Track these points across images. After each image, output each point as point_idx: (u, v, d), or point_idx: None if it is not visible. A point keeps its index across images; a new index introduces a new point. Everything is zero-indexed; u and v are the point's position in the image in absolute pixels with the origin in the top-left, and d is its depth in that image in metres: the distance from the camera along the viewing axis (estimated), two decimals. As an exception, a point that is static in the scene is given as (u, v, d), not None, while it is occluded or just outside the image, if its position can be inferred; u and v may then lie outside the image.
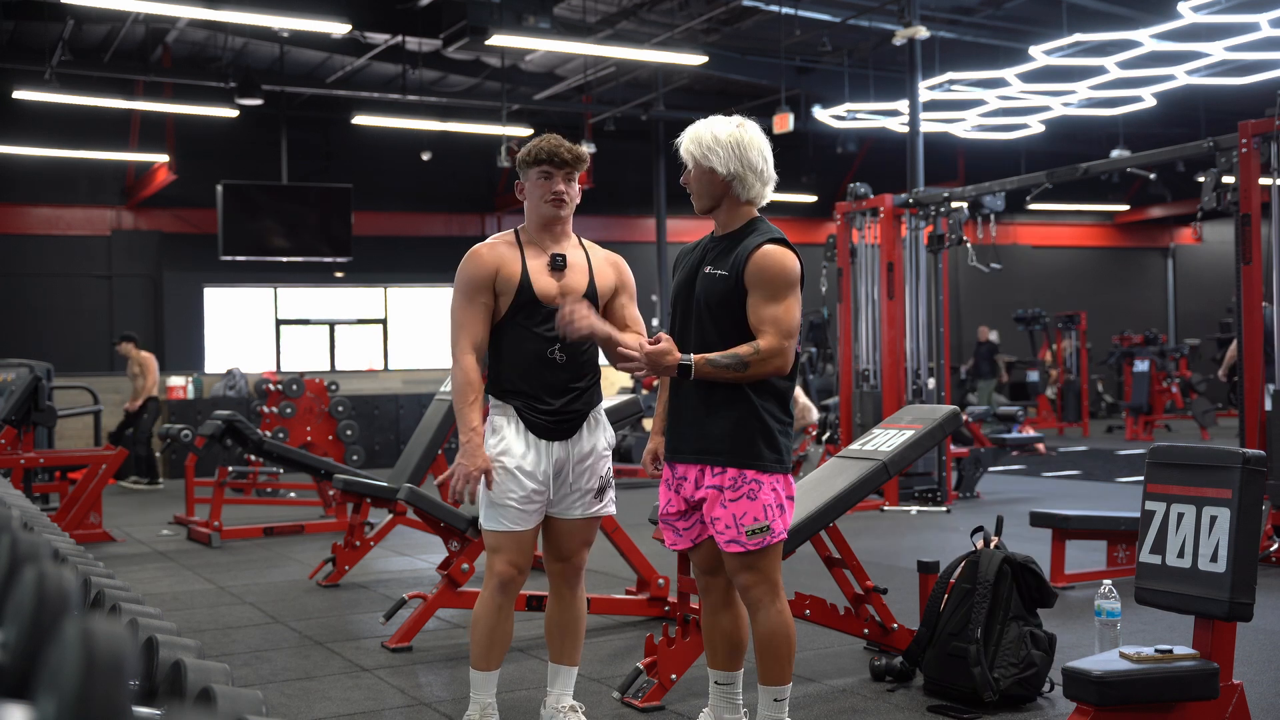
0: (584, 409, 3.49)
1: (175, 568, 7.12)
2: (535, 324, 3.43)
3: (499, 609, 3.45)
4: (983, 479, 9.83)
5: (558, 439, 3.44)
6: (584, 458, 3.47)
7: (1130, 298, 23.08)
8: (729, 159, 3.17)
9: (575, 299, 3.34)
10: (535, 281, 3.45)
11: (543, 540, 3.57)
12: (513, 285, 3.44)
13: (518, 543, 3.44)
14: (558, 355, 3.43)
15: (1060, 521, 5.97)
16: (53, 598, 1.20)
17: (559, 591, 3.58)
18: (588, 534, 3.56)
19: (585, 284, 3.50)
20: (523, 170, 3.54)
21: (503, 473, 3.41)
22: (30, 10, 12.34)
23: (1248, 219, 6.56)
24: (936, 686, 3.96)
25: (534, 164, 3.48)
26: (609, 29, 13.29)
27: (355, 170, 16.98)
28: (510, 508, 3.41)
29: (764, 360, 3.09)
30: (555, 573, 3.57)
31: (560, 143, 3.50)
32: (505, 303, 3.46)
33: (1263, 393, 6.55)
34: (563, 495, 3.47)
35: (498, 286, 3.45)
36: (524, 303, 3.43)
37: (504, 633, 3.47)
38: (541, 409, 3.42)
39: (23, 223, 16.20)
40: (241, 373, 14.06)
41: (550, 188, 3.48)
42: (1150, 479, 3.35)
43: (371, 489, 6.43)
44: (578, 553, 3.55)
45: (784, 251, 3.15)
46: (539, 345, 3.43)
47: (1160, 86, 14.26)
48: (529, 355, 3.44)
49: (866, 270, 9.57)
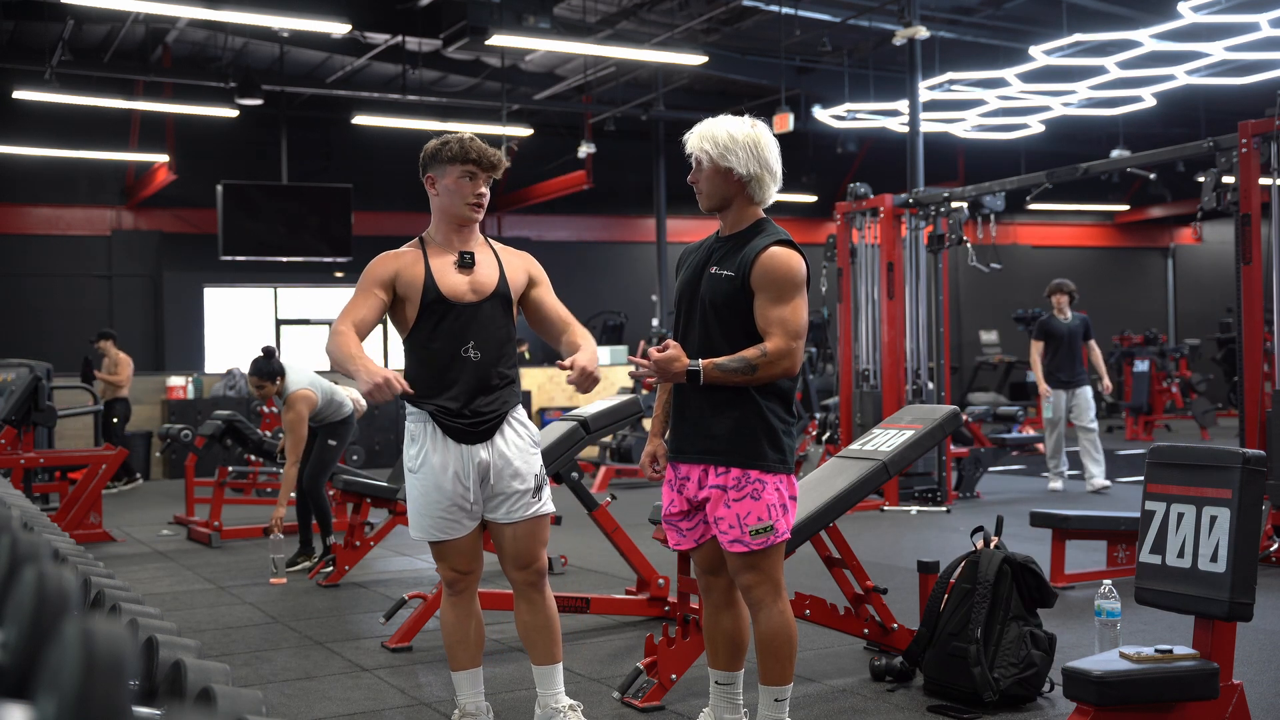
0: (501, 409, 3.40)
1: (175, 568, 7.12)
2: (446, 324, 3.36)
3: (456, 609, 3.45)
4: (983, 479, 9.83)
5: (477, 441, 3.36)
6: (510, 458, 3.39)
7: (1130, 298, 23.08)
8: (749, 160, 3.15)
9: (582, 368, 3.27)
10: (441, 280, 3.37)
11: (497, 552, 3.49)
12: (416, 288, 3.35)
13: (455, 549, 3.42)
14: (472, 354, 3.37)
15: (1060, 521, 5.97)
16: (53, 598, 1.20)
17: (527, 597, 3.47)
18: (540, 534, 3.45)
19: (495, 280, 3.43)
20: (438, 166, 3.41)
21: (426, 483, 3.36)
22: (30, 10, 12.34)
23: (1248, 219, 6.56)
24: (936, 686, 3.96)
25: (459, 162, 3.37)
26: (609, 29, 13.30)
27: (355, 170, 16.98)
28: (438, 518, 3.37)
29: (772, 363, 3.08)
30: (518, 581, 3.47)
31: (485, 145, 3.43)
32: (412, 309, 3.37)
33: (1263, 392, 6.55)
34: (496, 499, 3.39)
35: (399, 290, 3.37)
36: (431, 303, 3.36)
37: (470, 631, 3.46)
38: (456, 412, 3.34)
39: (23, 223, 16.20)
40: (242, 372, 14.05)
41: (474, 189, 3.40)
42: (1150, 479, 3.35)
43: (371, 489, 6.43)
44: (536, 557, 3.44)
45: (791, 253, 3.14)
46: (450, 344, 3.36)
47: (1160, 86, 14.25)
48: (441, 356, 3.36)
49: (866, 270, 9.57)
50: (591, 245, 18.71)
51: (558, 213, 17.77)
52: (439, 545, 3.43)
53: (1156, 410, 16.12)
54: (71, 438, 12.30)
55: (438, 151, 3.41)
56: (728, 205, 3.23)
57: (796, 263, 3.13)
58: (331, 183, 16.31)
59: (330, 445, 6.72)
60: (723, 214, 3.27)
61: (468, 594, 3.47)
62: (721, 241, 3.27)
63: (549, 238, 18.39)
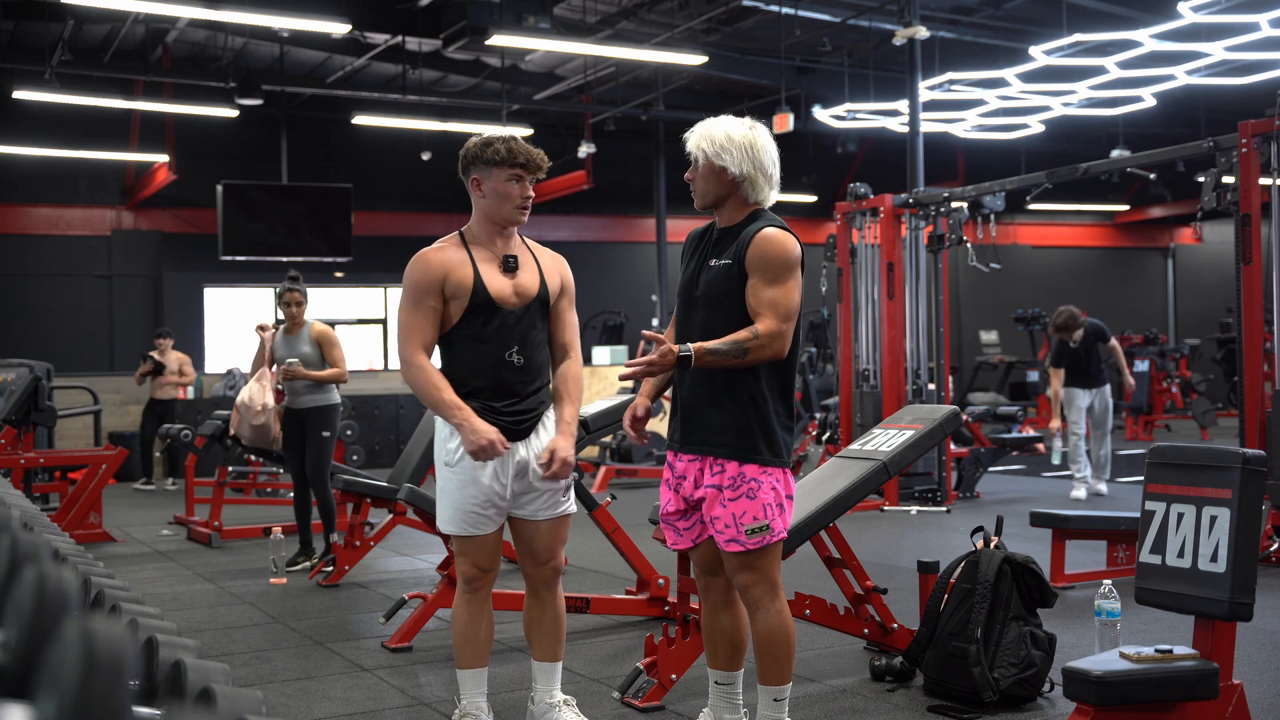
0: (539, 409, 3.47)
1: (175, 568, 7.12)
2: (492, 327, 3.39)
3: (470, 606, 3.45)
4: (983, 479, 9.83)
5: (517, 439, 3.41)
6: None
7: (1130, 298, 23.08)
8: (742, 160, 3.17)
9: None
10: (489, 284, 3.39)
11: (516, 546, 3.53)
12: (466, 289, 3.37)
13: (480, 545, 3.43)
14: (516, 358, 3.41)
15: (1060, 521, 5.97)
16: (53, 598, 1.20)
17: (538, 593, 3.53)
18: (561, 534, 3.52)
19: (537, 285, 3.46)
20: (483, 168, 3.40)
21: (462, 478, 3.39)
22: (30, 10, 12.34)
23: (1248, 219, 6.56)
24: (936, 686, 3.96)
25: (506, 165, 3.38)
26: (609, 29, 13.29)
27: (355, 170, 16.98)
28: (470, 513, 3.39)
29: (763, 345, 3.08)
30: (533, 576, 3.53)
31: (530, 146, 3.44)
32: (458, 308, 3.39)
33: (1263, 392, 6.55)
34: (528, 496, 3.44)
35: (448, 291, 3.38)
36: (479, 305, 3.38)
37: (481, 630, 3.47)
38: (501, 411, 3.39)
39: (23, 223, 16.20)
40: (242, 373, 14.05)
41: (522, 192, 3.42)
42: (1150, 479, 3.35)
43: (371, 489, 6.43)
44: (554, 555, 3.51)
45: (784, 235, 3.15)
46: (497, 348, 3.39)
47: (1160, 86, 14.25)
48: (487, 358, 3.40)
49: (866, 270, 9.57)
50: (591, 245, 18.70)
51: (558, 213, 17.76)
52: (464, 541, 3.44)
53: (1156, 410, 16.12)
54: (71, 438, 12.30)
55: (481, 153, 3.40)
56: (721, 204, 3.25)
57: (790, 244, 3.14)
58: (331, 183, 16.31)
59: (324, 436, 6.73)
60: (717, 213, 3.29)
61: (484, 592, 3.48)
62: (720, 233, 3.29)
63: (549, 237, 18.32)
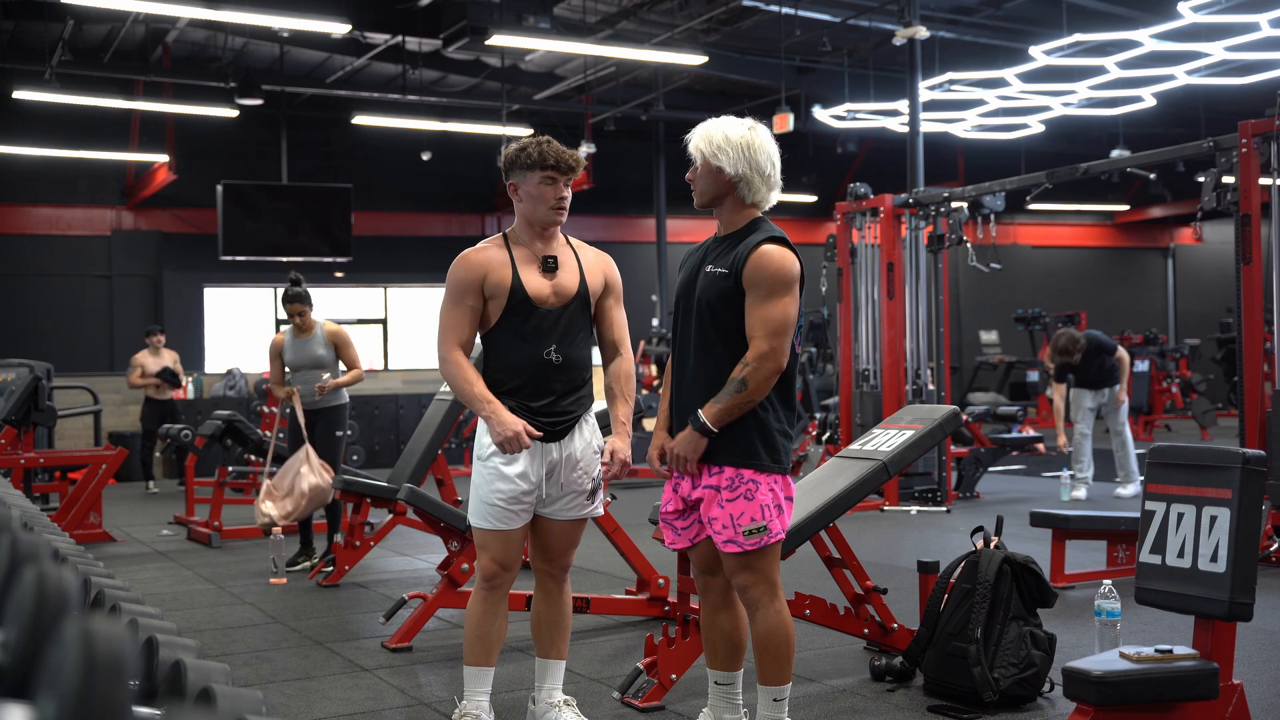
0: (578, 410, 3.49)
1: (175, 568, 7.12)
2: (530, 326, 3.43)
3: (486, 604, 3.47)
4: (983, 479, 9.83)
5: (552, 440, 3.44)
6: (577, 459, 3.48)
7: (1130, 298, 23.07)
8: (738, 160, 3.18)
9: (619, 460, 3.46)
10: (528, 284, 3.44)
11: (531, 540, 3.57)
12: (504, 289, 3.43)
13: (504, 541, 3.44)
14: (554, 356, 3.43)
15: (1060, 521, 5.97)
16: (53, 598, 1.20)
17: (546, 588, 3.60)
18: (576, 534, 3.58)
19: (577, 284, 3.50)
20: (519, 172, 3.47)
21: (494, 473, 3.41)
22: (30, 10, 12.33)
23: (1248, 219, 6.56)
24: (936, 686, 3.96)
25: (538, 168, 3.43)
26: (609, 29, 13.29)
27: (355, 170, 16.97)
28: (498, 507, 3.42)
29: (757, 369, 3.09)
30: (544, 571, 3.59)
31: (563, 148, 3.48)
32: (497, 307, 3.44)
33: (1263, 392, 6.55)
34: (555, 496, 3.48)
35: (487, 290, 3.44)
36: (517, 305, 3.43)
37: (493, 629, 3.48)
38: (537, 411, 3.42)
39: (23, 223, 16.19)
40: (241, 373, 14.07)
41: (555, 193, 3.46)
42: (1150, 479, 3.35)
43: (371, 489, 6.43)
44: (566, 553, 3.57)
45: (783, 251, 3.15)
46: (535, 347, 3.43)
47: (1160, 86, 14.25)
48: (526, 357, 3.43)
49: (866, 270, 9.57)
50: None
51: (557, 213, 17.72)
52: (489, 535, 3.45)
53: (1156, 410, 16.12)
54: (72, 438, 12.30)
55: (516, 157, 3.46)
56: (719, 204, 3.26)
57: (788, 261, 3.15)
58: (331, 183, 16.30)
59: (337, 436, 6.76)
60: (716, 212, 3.30)
61: (501, 591, 3.49)
62: (718, 241, 3.30)
63: (549, 238, 18.32)
